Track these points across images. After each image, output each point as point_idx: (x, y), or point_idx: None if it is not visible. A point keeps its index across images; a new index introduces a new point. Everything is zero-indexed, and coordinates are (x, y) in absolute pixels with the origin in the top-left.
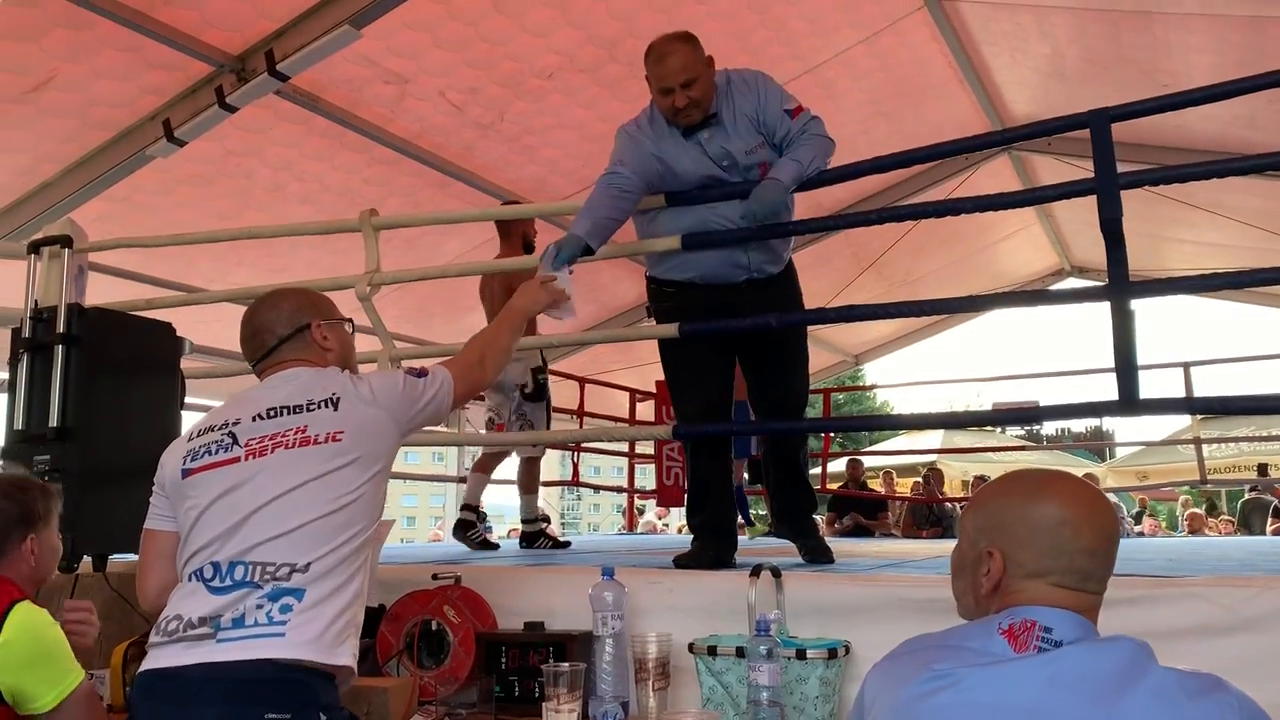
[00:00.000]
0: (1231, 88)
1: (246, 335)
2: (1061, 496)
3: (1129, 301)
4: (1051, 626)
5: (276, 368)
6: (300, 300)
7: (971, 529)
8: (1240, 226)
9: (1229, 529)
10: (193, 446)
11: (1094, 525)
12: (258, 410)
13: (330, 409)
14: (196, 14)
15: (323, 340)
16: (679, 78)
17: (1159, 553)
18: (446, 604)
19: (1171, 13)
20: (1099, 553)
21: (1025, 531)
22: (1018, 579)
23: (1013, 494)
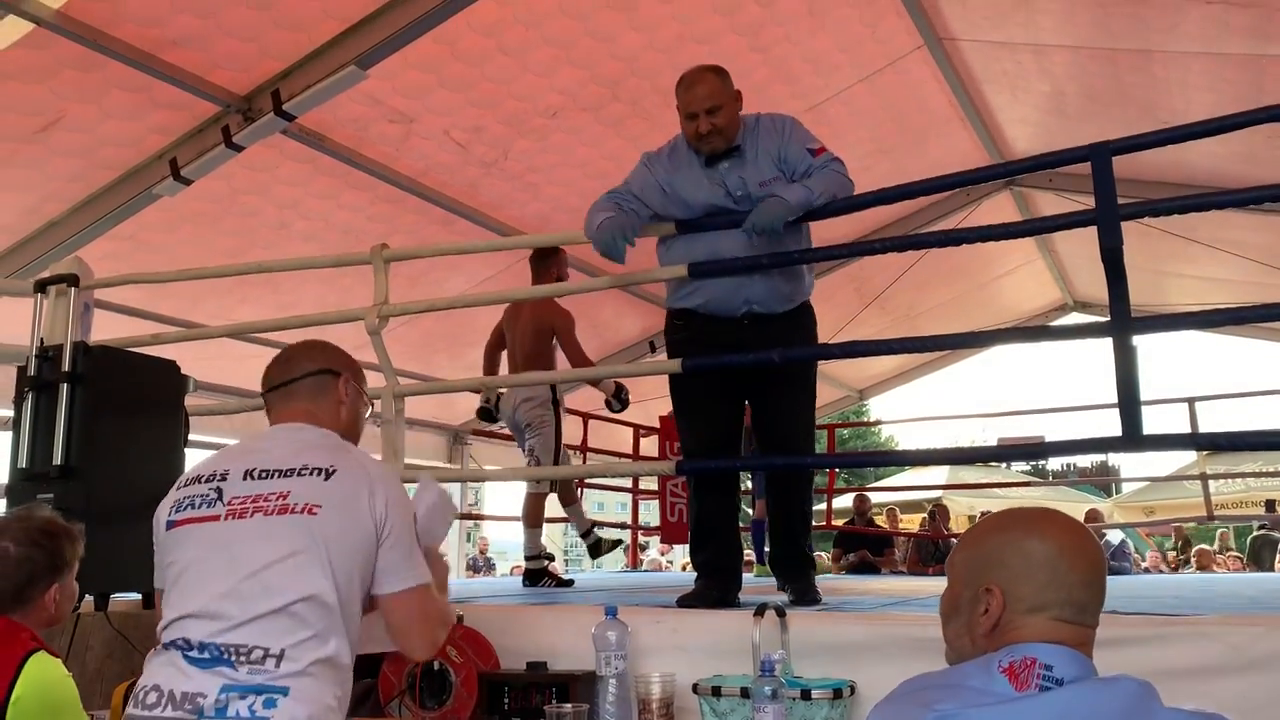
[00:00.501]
0: (1230, 122)
1: (280, 359)
2: (1054, 530)
3: (1131, 337)
4: (1052, 664)
5: (286, 411)
6: (343, 356)
7: (964, 569)
8: (1241, 261)
9: (1238, 565)
10: (179, 497)
11: (1088, 557)
12: (250, 466)
13: (320, 478)
14: (204, 55)
15: (343, 395)
16: (704, 104)
17: (1168, 590)
18: (449, 644)
19: (1171, 51)
20: (1094, 584)
21: (1023, 565)
22: (1018, 615)
23: (1006, 530)
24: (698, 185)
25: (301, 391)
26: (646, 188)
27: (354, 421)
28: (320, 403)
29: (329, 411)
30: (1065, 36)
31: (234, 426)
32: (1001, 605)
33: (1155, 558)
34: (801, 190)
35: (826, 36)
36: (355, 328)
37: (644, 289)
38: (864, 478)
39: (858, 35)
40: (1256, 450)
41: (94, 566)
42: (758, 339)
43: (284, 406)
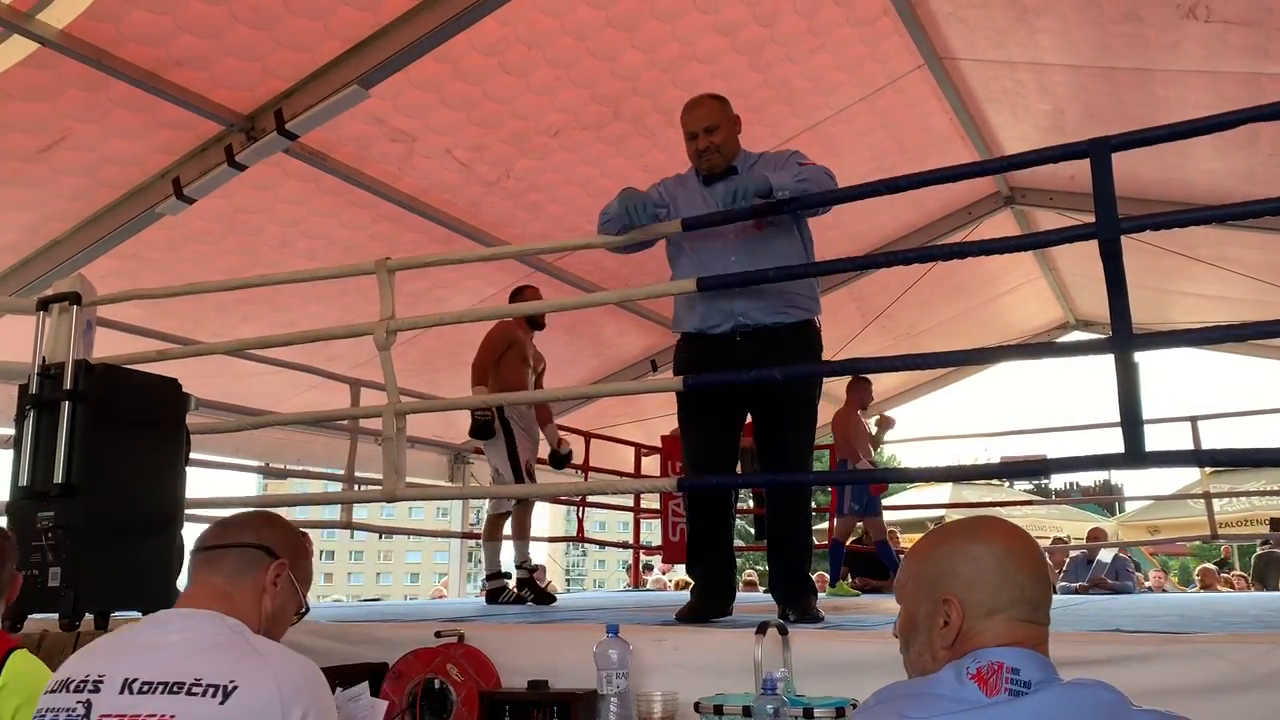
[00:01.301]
0: (1230, 119)
1: (220, 522)
2: (995, 533)
3: (1133, 353)
4: (1018, 668)
5: (199, 587)
6: (294, 541)
7: (915, 587)
8: (1242, 279)
9: (1242, 584)
10: (41, 708)
11: (1033, 555)
12: (131, 673)
13: (217, 701)
14: (207, 75)
15: (269, 582)
16: (702, 123)
17: (1171, 609)
18: (450, 662)
19: (1171, 70)
20: (1043, 580)
21: (974, 571)
22: (977, 620)
23: (949, 541)
24: (693, 202)
25: (224, 564)
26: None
27: (277, 616)
28: (240, 583)
29: (248, 596)
30: (1065, 55)
31: (235, 445)
32: (961, 614)
33: (1159, 577)
34: (785, 175)
35: (827, 55)
36: (358, 344)
37: (645, 308)
38: None
39: (858, 55)
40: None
41: (94, 584)
42: (751, 355)
43: (200, 578)
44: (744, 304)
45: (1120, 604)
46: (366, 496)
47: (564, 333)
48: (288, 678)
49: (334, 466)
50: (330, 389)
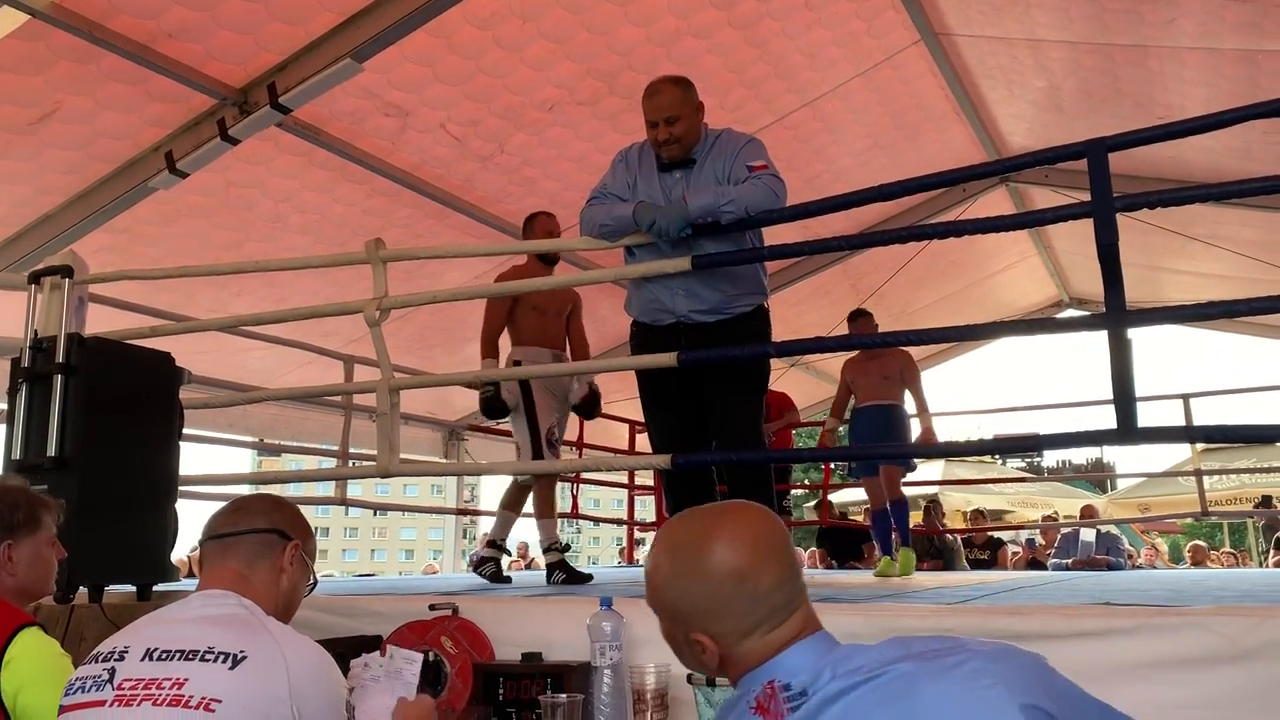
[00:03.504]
0: (1227, 117)
1: (229, 507)
2: (724, 546)
3: (1126, 330)
4: (789, 681)
5: (216, 571)
6: (298, 519)
7: (664, 614)
8: (1236, 258)
9: (1230, 561)
10: (73, 678)
11: (769, 556)
12: (153, 644)
13: (226, 665)
14: (199, 47)
15: (286, 563)
16: (663, 114)
17: (1161, 584)
18: (444, 635)
19: (1167, 46)
20: (785, 575)
21: (714, 605)
22: (735, 647)
23: (682, 572)
24: (650, 191)
25: (240, 549)
26: (618, 185)
27: (291, 594)
28: (257, 566)
29: (265, 578)
30: (1061, 32)
31: (229, 420)
32: (715, 646)
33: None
34: (708, 197)
35: (823, 31)
36: (352, 320)
37: None
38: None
39: (854, 30)
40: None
41: (88, 558)
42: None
43: (216, 564)
44: (685, 304)
45: (1110, 579)
46: (360, 472)
47: None
48: (298, 661)
49: (328, 443)
50: (324, 365)
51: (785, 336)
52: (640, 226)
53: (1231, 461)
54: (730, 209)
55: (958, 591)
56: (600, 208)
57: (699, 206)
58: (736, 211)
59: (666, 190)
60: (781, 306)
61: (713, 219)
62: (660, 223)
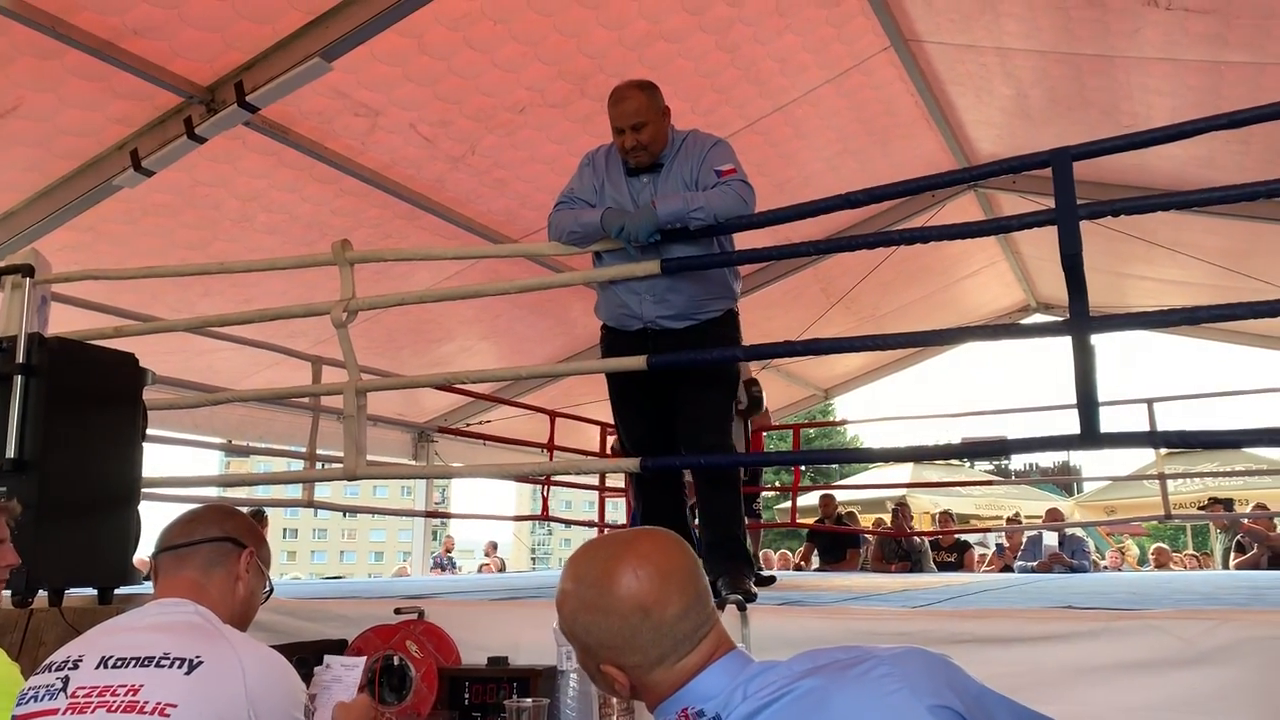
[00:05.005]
0: (1188, 128)
1: (182, 519)
2: (630, 580)
3: (1089, 336)
4: (702, 707)
5: (171, 581)
6: (252, 527)
7: (574, 644)
8: (1200, 264)
9: (1194, 563)
10: (26, 686)
11: (673, 587)
12: (107, 651)
13: (182, 671)
14: (165, 45)
15: (242, 571)
16: (629, 120)
17: (1124, 586)
18: (409, 639)
19: (1132, 56)
20: (692, 606)
21: (621, 639)
22: (647, 676)
23: (587, 606)
24: (618, 195)
25: (195, 559)
26: (585, 190)
27: (248, 601)
28: (213, 575)
29: (221, 586)
30: (1029, 40)
31: (195, 421)
32: (625, 678)
33: (1115, 557)
34: (678, 202)
35: (794, 36)
36: (320, 320)
37: None
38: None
39: (825, 36)
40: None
41: (48, 561)
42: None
43: (171, 574)
44: (653, 309)
45: (1074, 582)
46: (326, 475)
47: (530, 311)
48: (254, 667)
49: (296, 444)
50: (292, 366)
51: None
52: (609, 233)
53: (1195, 465)
54: (699, 215)
55: (923, 594)
56: (568, 213)
57: (668, 212)
58: (705, 218)
59: (634, 194)
60: (752, 310)
61: (681, 224)
62: (629, 228)
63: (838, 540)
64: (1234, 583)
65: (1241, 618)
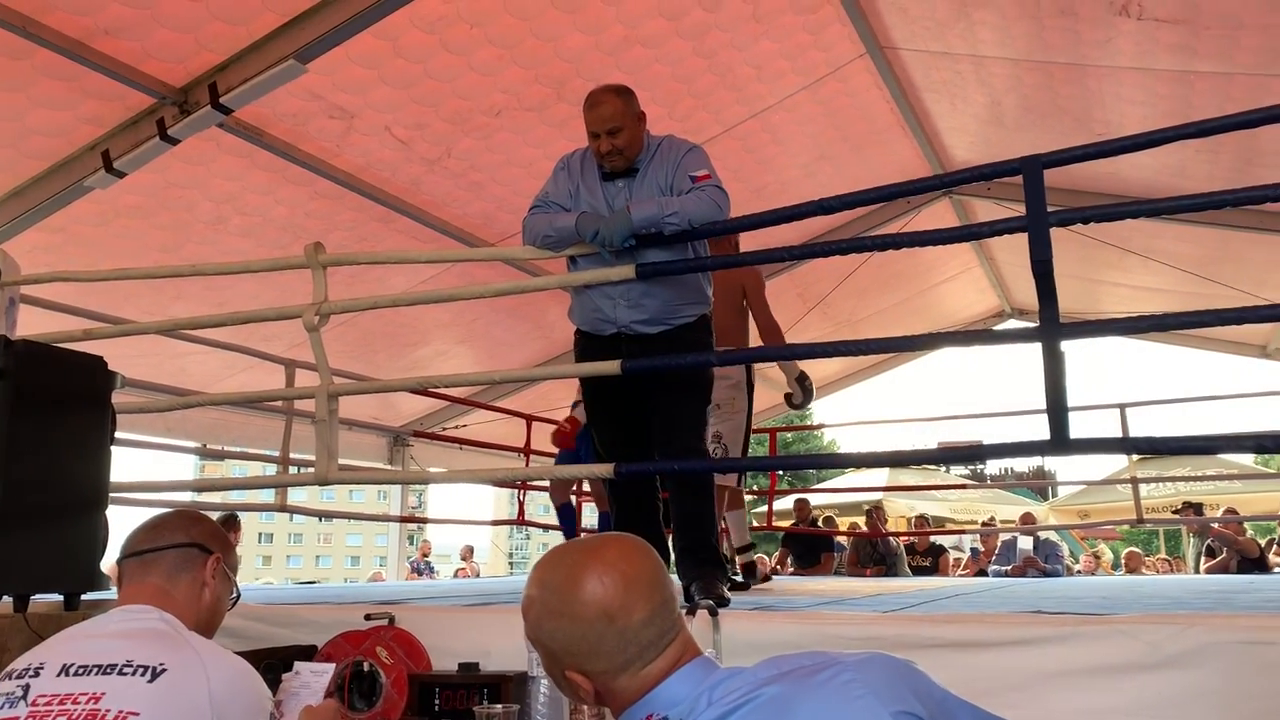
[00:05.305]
0: (1157, 137)
1: (148, 524)
2: (595, 586)
3: (1060, 343)
4: (666, 714)
5: (136, 587)
6: (219, 533)
7: (539, 649)
8: (1173, 271)
9: (1165, 568)
10: None
11: (638, 593)
12: (68, 660)
13: (145, 679)
14: (138, 45)
15: (208, 577)
16: (605, 125)
17: (1094, 591)
18: (379, 645)
19: (1104, 66)
20: (657, 612)
21: (585, 646)
22: (611, 682)
23: (552, 612)
24: (593, 200)
25: (161, 565)
26: (561, 194)
27: (214, 607)
28: (178, 581)
29: (187, 592)
30: (1003, 49)
31: (168, 425)
32: (590, 684)
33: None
34: (652, 208)
35: (771, 43)
36: (294, 323)
37: None
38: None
39: (801, 42)
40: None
41: (13, 567)
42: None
43: (136, 580)
44: (627, 314)
45: (1046, 586)
46: (297, 480)
47: (507, 315)
48: (219, 674)
49: (270, 448)
50: (267, 369)
51: None
52: (583, 237)
53: (1168, 469)
54: (674, 220)
55: (895, 599)
56: (542, 217)
57: (642, 217)
58: (680, 223)
59: (609, 199)
60: None
61: (656, 230)
62: (604, 233)
63: (812, 545)
64: (1202, 587)
65: (1206, 622)
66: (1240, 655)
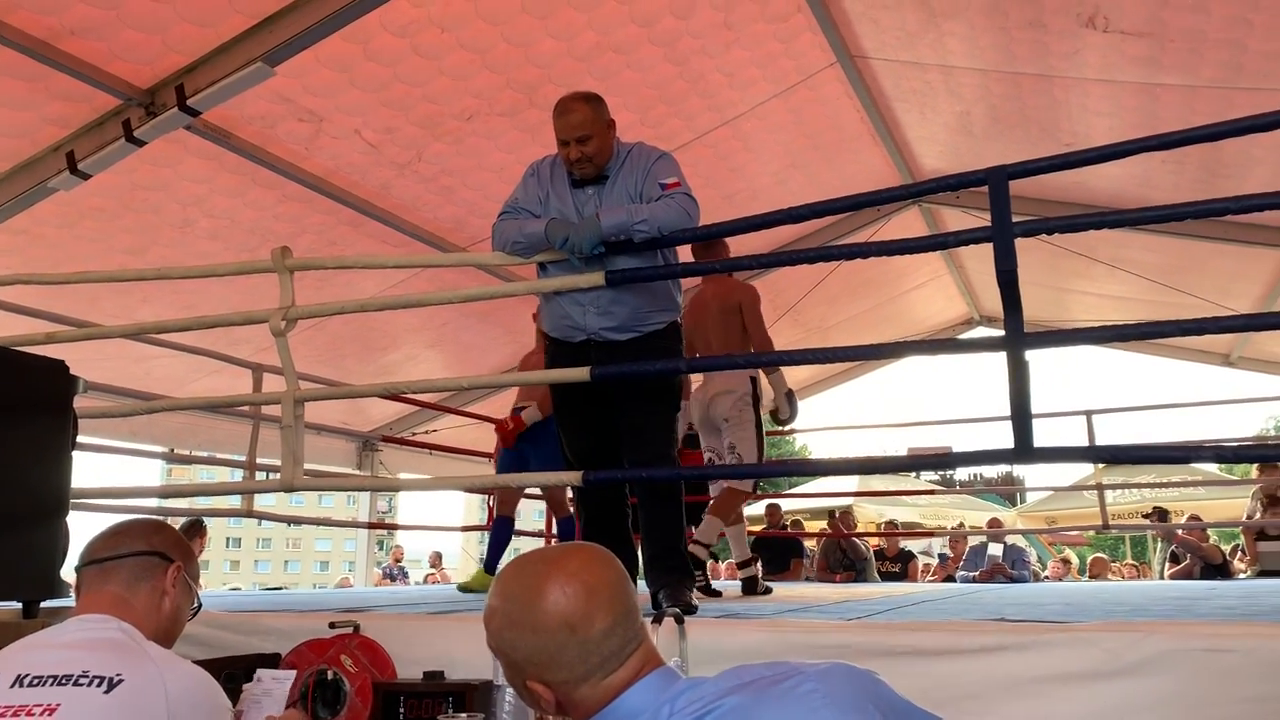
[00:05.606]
0: (1121, 149)
1: (107, 532)
2: (557, 596)
3: (1024, 352)
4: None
5: (94, 596)
6: (180, 541)
7: (501, 658)
8: (1139, 280)
9: (1131, 573)
10: None
11: (600, 603)
12: (24, 670)
13: (101, 690)
14: (104, 46)
15: (169, 586)
16: (574, 133)
17: (1059, 597)
18: (344, 653)
19: (1072, 77)
20: (619, 623)
21: (547, 656)
22: (573, 693)
23: (514, 622)
24: (564, 205)
25: (120, 573)
26: (530, 200)
27: (174, 617)
28: (138, 590)
29: (146, 601)
30: (972, 59)
31: (133, 429)
32: (551, 694)
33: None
34: (621, 215)
35: (742, 51)
36: (263, 328)
37: None
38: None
39: (772, 51)
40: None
41: None
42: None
43: (95, 589)
44: (596, 321)
45: (1012, 592)
46: (262, 486)
47: (477, 320)
48: (177, 684)
49: (238, 452)
50: (234, 373)
51: None
52: (553, 244)
53: (1133, 476)
54: (643, 228)
55: (861, 605)
56: (512, 223)
57: (612, 224)
58: (649, 231)
59: (579, 206)
60: None
61: (625, 237)
62: (573, 239)
63: (782, 550)
64: (1164, 593)
65: (1166, 630)
66: (1198, 662)
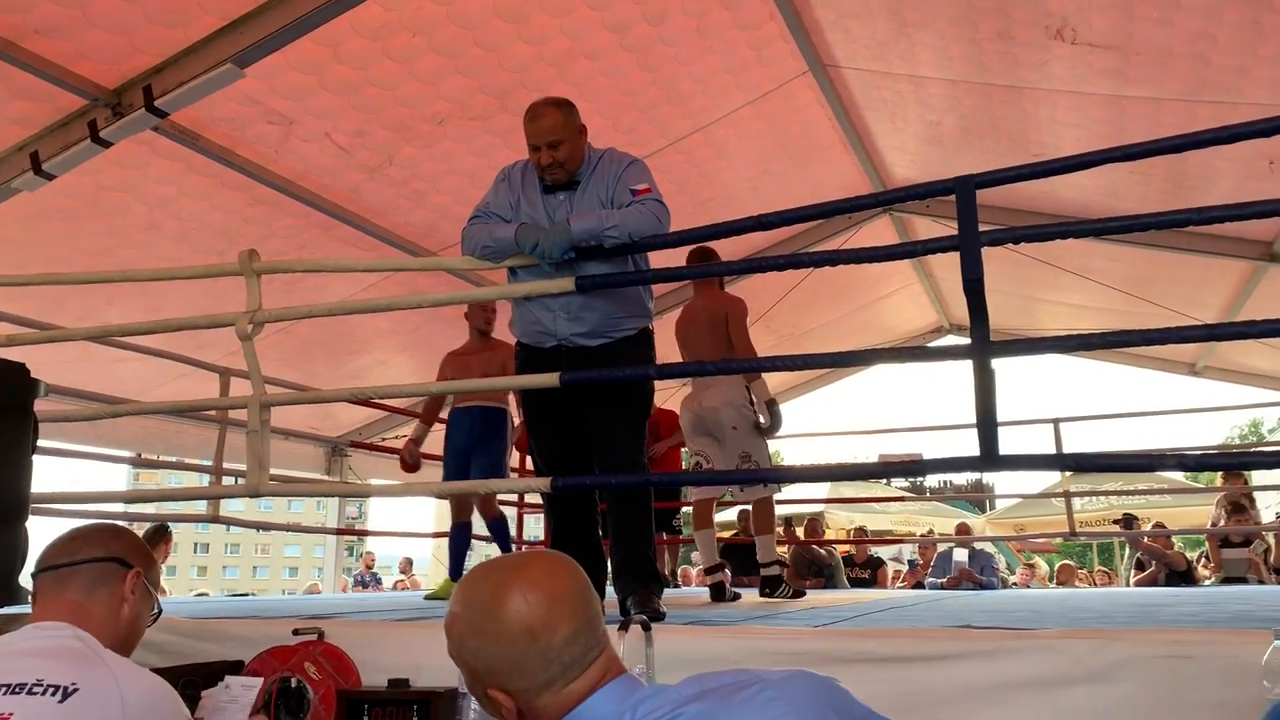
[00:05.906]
0: (1086, 159)
1: (64, 537)
2: (519, 604)
3: (990, 360)
4: None
5: (51, 603)
6: (139, 547)
7: (462, 667)
8: (1105, 290)
9: (1101, 580)
10: None
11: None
12: None
13: (56, 699)
14: (70, 45)
15: (128, 592)
16: (545, 138)
17: (1026, 604)
18: (308, 660)
19: (1041, 89)
20: (581, 630)
21: (508, 664)
22: (534, 701)
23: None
24: (534, 212)
25: (77, 580)
26: (500, 205)
27: (133, 623)
28: (96, 596)
29: (104, 608)
30: (942, 70)
31: (98, 433)
32: (512, 703)
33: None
34: (591, 220)
35: (715, 58)
36: (230, 332)
37: None
38: None
39: (745, 59)
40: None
41: None
42: (578, 368)
43: (51, 595)
44: (567, 327)
45: (978, 599)
46: (227, 492)
47: (448, 324)
48: (134, 693)
49: (205, 457)
50: (201, 377)
51: (673, 359)
52: (522, 249)
53: (1100, 483)
54: (613, 234)
55: (828, 612)
56: (482, 228)
57: (582, 230)
58: (620, 237)
59: (550, 211)
60: (669, 329)
61: (596, 242)
62: (543, 245)
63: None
64: (1128, 600)
65: (1130, 636)
66: (1160, 669)
